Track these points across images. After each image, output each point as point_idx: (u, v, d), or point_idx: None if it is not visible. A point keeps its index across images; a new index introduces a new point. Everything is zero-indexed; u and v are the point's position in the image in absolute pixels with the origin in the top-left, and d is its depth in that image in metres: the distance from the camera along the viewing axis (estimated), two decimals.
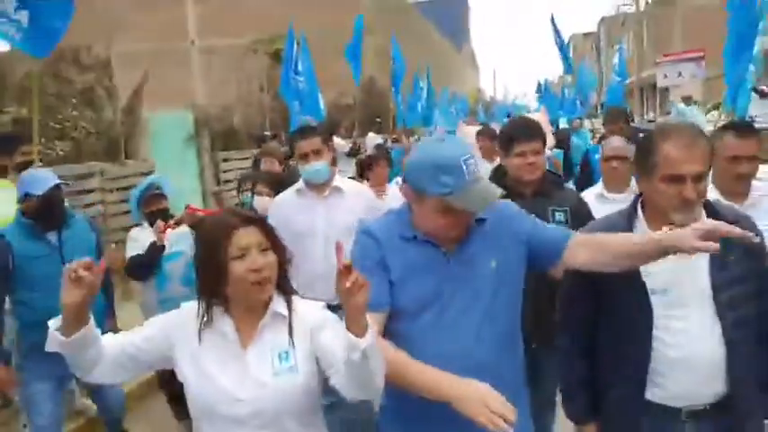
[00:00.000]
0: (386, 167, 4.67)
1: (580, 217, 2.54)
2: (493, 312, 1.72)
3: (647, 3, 25.55)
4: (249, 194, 3.62)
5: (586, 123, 13.69)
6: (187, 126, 9.34)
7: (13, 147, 3.66)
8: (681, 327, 1.73)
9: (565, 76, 20.22)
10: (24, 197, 2.89)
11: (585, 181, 4.66)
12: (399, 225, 1.77)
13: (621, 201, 2.64)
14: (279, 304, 1.67)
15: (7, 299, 2.99)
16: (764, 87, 5.21)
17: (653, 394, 1.80)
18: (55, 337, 1.54)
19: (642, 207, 1.84)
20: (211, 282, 1.61)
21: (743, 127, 2.66)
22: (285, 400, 1.61)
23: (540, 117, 5.68)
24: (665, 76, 18.03)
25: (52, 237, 2.96)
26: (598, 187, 3.33)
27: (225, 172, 9.84)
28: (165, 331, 1.68)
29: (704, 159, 1.68)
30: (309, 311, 1.70)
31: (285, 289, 1.69)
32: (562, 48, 13.69)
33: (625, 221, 1.85)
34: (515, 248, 1.77)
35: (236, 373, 1.61)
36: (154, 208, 3.54)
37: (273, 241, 1.64)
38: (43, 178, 2.96)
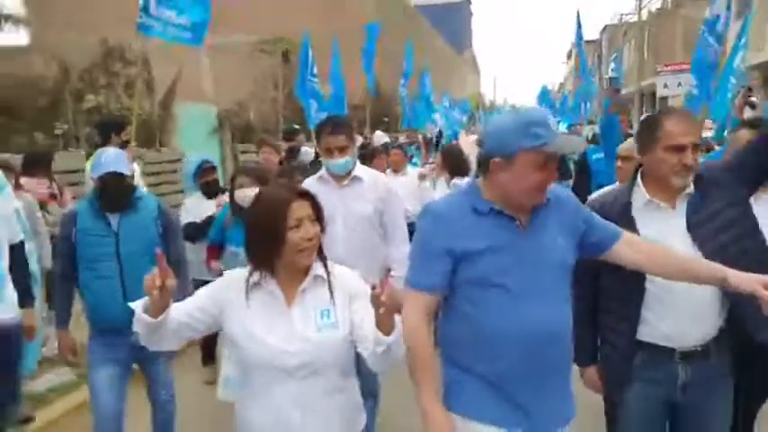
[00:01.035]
0: (384, 160, 5.53)
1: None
2: (559, 285, 1.85)
3: (649, 12, 26.06)
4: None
5: (586, 129, 14.04)
6: (211, 120, 9.80)
7: (120, 129, 4.18)
8: None
9: (564, 83, 20.71)
10: (98, 176, 2.86)
11: (583, 182, 4.66)
12: (471, 200, 1.85)
13: None
14: (318, 268, 1.82)
15: None
16: (754, 99, 5.74)
17: (645, 334, 2.03)
18: (143, 319, 1.69)
19: (642, 177, 2.15)
20: (267, 248, 1.75)
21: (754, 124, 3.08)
22: (328, 352, 1.77)
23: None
24: (666, 86, 18.52)
25: (113, 218, 2.88)
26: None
27: (243, 163, 10.37)
28: (214, 299, 1.82)
29: (699, 133, 2.10)
30: (347, 276, 1.88)
31: (322, 255, 1.85)
32: (580, 48, 14.23)
33: (626, 190, 2.17)
34: (574, 233, 1.89)
35: (283, 329, 1.75)
36: (209, 178, 4.29)
37: (318, 214, 1.81)
38: (114, 160, 2.94)
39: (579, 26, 13.90)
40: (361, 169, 3.22)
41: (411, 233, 4.12)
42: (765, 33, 14.05)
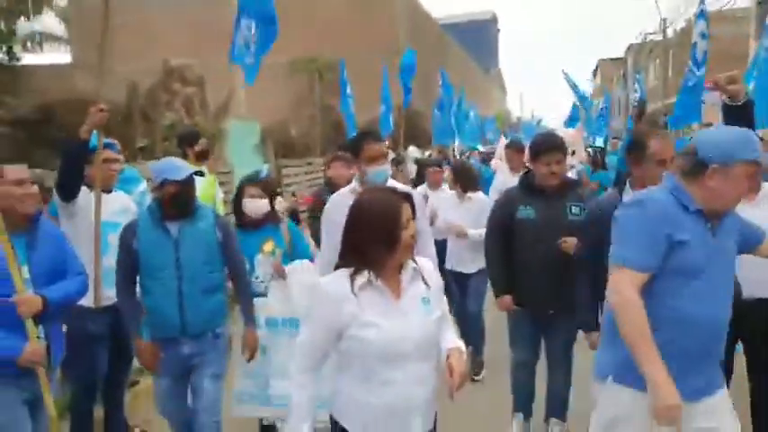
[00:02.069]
0: (439, 174, 5.73)
1: (592, 211, 3.15)
2: (731, 283, 2.17)
3: (674, 31, 26.34)
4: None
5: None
6: (255, 135, 10.59)
7: (193, 141, 4.76)
8: None
9: (590, 101, 21.15)
10: (162, 183, 2.88)
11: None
12: (680, 199, 2.08)
13: None
14: (411, 262, 2.01)
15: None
16: None
17: None
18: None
19: (630, 184, 2.89)
20: (384, 248, 1.89)
21: None
22: (432, 334, 1.99)
23: (575, 133, 6.68)
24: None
25: (173, 227, 2.88)
26: None
27: (285, 176, 11.10)
28: (330, 322, 1.93)
29: (672, 150, 2.76)
30: (430, 267, 2.10)
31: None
32: (579, 96, 14.63)
33: (616, 193, 2.96)
34: (736, 237, 2.21)
35: (397, 320, 1.92)
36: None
37: (414, 213, 1.98)
38: (181, 166, 2.99)
39: (571, 84, 14.37)
40: (392, 182, 3.30)
41: (442, 250, 4.64)
42: None
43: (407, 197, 1.97)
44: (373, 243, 1.90)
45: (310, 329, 2.00)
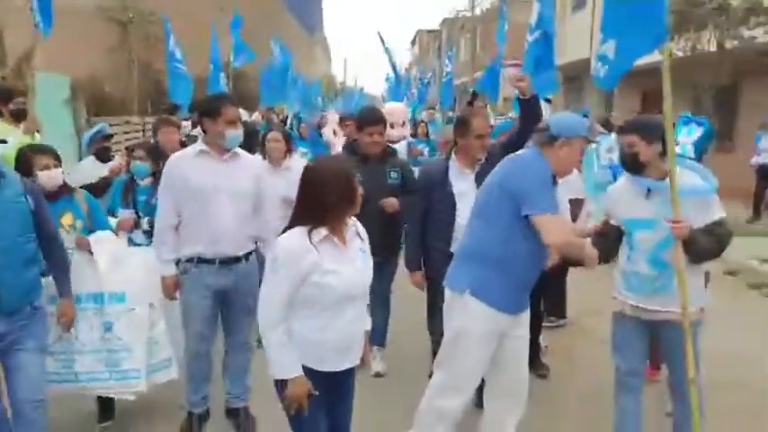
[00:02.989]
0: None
1: (406, 175, 4.05)
2: None
3: (481, 10, 28.97)
4: (139, 162, 3.94)
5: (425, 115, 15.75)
6: (65, 89, 9.72)
7: (9, 97, 4.34)
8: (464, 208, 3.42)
9: (408, 68, 22.51)
10: None
11: None
12: (547, 166, 2.68)
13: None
14: (351, 219, 2.35)
15: None
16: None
17: (455, 248, 3.26)
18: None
19: (455, 152, 3.60)
20: (344, 208, 2.23)
21: None
22: (369, 278, 2.36)
23: (401, 107, 7.52)
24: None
25: None
26: None
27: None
28: (299, 273, 2.16)
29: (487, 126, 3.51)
30: (360, 226, 2.42)
31: None
32: (394, 67, 15.58)
33: (443, 164, 3.62)
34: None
35: (348, 267, 2.24)
36: (105, 145, 4.98)
37: None
38: None
39: (385, 48, 15.19)
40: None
41: None
42: (566, 36, 16.85)
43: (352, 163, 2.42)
44: (340, 201, 2.20)
45: (275, 283, 2.17)
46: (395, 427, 3.28)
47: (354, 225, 2.37)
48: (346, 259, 2.25)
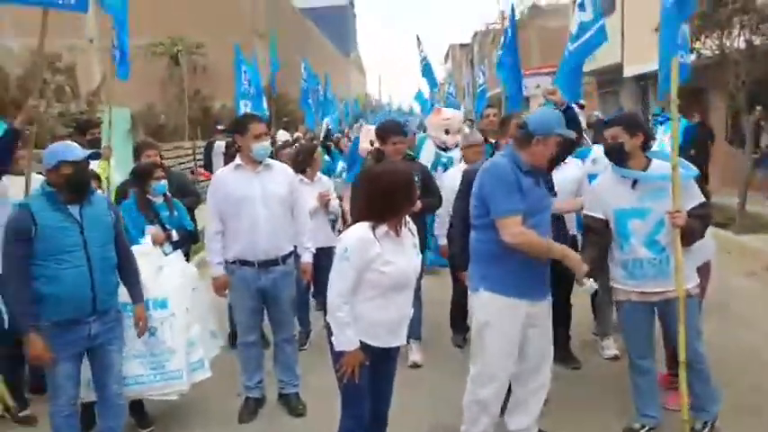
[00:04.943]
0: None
1: (426, 178, 4.24)
2: (549, 216, 3.04)
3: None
4: (161, 181, 4.00)
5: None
6: (127, 121, 10.57)
7: (88, 128, 4.95)
8: None
9: (443, 83, 22.96)
10: (58, 165, 2.87)
11: None
12: (515, 162, 2.85)
13: None
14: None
15: None
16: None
17: None
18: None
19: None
20: (406, 207, 2.60)
21: None
22: (418, 269, 2.73)
23: (458, 115, 7.28)
24: (525, 88, 21.34)
25: (74, 210, 2.90)
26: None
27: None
28: (363, 261, 2.51)
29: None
30: (411, 223, 2.73)
31: None
32: (427, 70, 15.89)
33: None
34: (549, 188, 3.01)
35: (403, 258, 2.60)
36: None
37: None
38: (76, 147, 3.00)
39: (422, 54, 15.09)
40: (269, 160, 3.73)
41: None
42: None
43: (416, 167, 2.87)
44: (404, 201, 2.59)
45: (344, 269, 2.53)
46: (429, 415, 3.56)
47: (408, 223, 2.70)
48: (401, 252, 2.61)
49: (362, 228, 2.55)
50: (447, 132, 5.94)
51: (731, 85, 8.76)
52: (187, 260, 4.12)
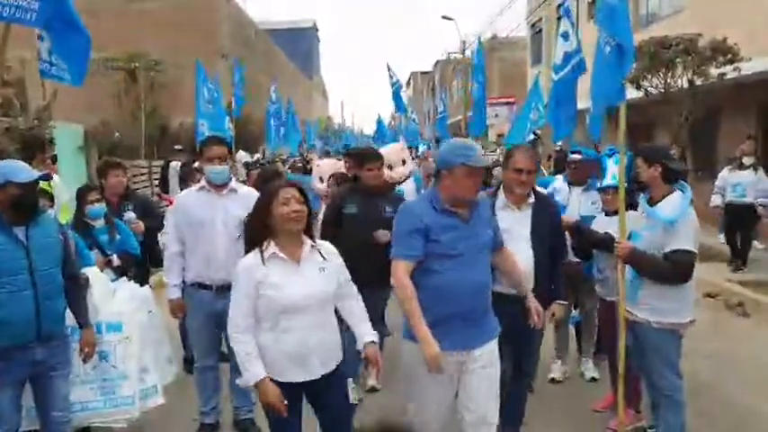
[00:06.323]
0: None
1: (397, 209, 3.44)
2: (486, 256, 2.80)
3: (471, 52, 30.01)
4: (96, 205, 3.94)
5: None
6: (78, 138, 10.28)
7: (43, 147, 4.78)
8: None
9: (398, 114, 23.47)
10: (4, 184, 2.74)
11: None
12: (432, 202, 2.70)
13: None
14: (308, 240, 2.56)
15: None
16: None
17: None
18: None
19: (503, 189, 3.34)
20: (269, 218, 2.48)
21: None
22: (328, 292, 2.54)
23: (395, 148, 7.59)
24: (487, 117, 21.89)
25: (19, 231, 2.78)
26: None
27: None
28: (250, 287, 2.44)
29: (532, 162, 3.25)
30: (332, 249, 2.63)
31: (311, 234, 2.61)
32: (396, 92, 16.31)
33: (490, 198, 3.28)
34: (490, 227, 2.84)
35: (296, 280, 2.46)
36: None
37: (304, 197, 2.52)
38: (26, 168, 2.89)
39: (391, 77, 15.75)
40: (235, 183, 3.70)
41: None
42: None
43: (292, 184, 2.61)
44: (266, 216, 2.49)
45: (235, 297, 2.48)
46: None
47: (315, 245, 2.58)
48: (296, 275, 2.47)
49: (253, 252, 2.51)
50: (390, 168, 5.70)
51: (675, 121, 9.23)
52: (143, 283, 4.02)
